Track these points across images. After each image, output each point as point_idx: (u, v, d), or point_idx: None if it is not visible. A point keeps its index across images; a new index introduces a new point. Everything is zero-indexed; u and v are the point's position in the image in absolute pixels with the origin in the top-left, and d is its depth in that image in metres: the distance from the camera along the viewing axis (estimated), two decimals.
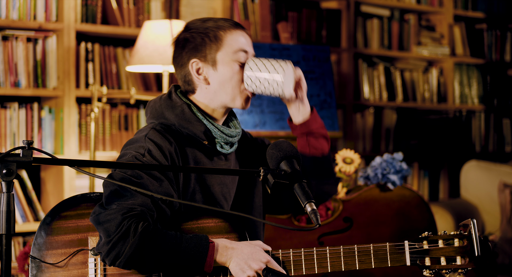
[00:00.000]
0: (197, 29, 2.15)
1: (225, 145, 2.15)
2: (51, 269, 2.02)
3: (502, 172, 4.93)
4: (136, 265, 1.93)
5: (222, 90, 2.14)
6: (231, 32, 2.14)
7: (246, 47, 2.14)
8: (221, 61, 2.13)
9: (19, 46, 3.79)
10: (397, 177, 3.30)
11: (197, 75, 2.15)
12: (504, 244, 4.47)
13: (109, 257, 1.92)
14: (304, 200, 1.88)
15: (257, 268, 1.95)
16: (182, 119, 2.12)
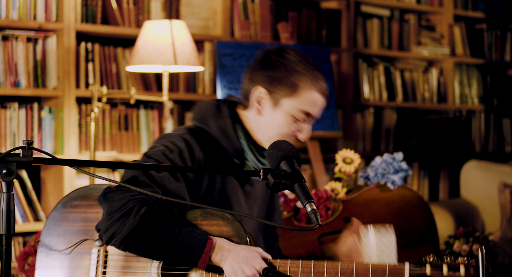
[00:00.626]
0: (287, 64, 2.12)
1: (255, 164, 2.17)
2: (57, 255, 2.06)
3: (502, 172, 4.93)
4: (130, 247, 1.95)
5: (265, 129, 2.15)
6: (311, 91, 2.11)
7: (313, 111, 2.12)
8: (284, 107, 2.12)
9: (19, 46, 3.79)
10: (397, 177, 3.30)
11: (256, 101, 2.15)
12: (504, 244, 4.47)
13: (106, 233, 1.94)
14: (304, 200, 1.88)
15: (250, 274, 1.95)
16: (222, 133, 2.13)
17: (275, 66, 2.13)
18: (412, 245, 3.27)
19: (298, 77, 2.11)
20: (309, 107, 2.12)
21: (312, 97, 2.11)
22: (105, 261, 2.03)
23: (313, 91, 2.11)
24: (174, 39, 3.66)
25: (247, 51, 4.10)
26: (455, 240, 3.54)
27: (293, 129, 2.13)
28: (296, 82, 2.11)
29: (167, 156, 2.04)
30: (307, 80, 2.11)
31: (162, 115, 4.26)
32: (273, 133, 2.13)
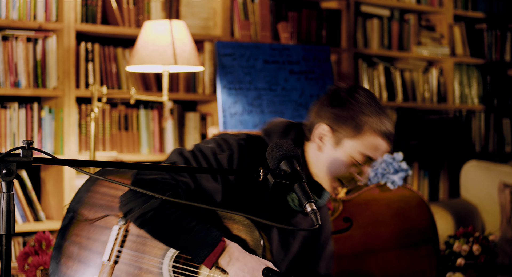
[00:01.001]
0: (356, 105, 2.08)
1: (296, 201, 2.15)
2: (80, 225, 2.11)
3: (502, 172, 4.93)
4: (145, 225, 1.98)
5: (322, 166, 2.12)
6: (375, 135, 2.07)
7: (374, 156, 2.09)
8: (345, 147, 2.09)
9: (19, 46, 3.79)
10: (397, 177, 3.30)
11: (318, 137, 2.13)
12: (504, 244, 4.47)
13: (127, 206, 1.99)
14: (304, 200, 1.88)
15: None
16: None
17: (343, 105, 2.09)
18: (412, 245, 3.27)
19: (364, 119, 2.07)
20: (370, 151, 2.08)
21: (376, 142, 2.08)
22: (123, 241, 2.05)
23: (377, 136, 2.07)
24: (174, 39, 3.66)
25: (247, 51, 4.10)
26: (455, 240, 3.54)
27: (350, 171, 2.10)
28: (361, 125, 2.07)
29: (216, 155, 2.06)
30: (372, 123, 2.07)
31: (162, 115, 4.26)
32: (329, 172, 2.10)
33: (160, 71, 3.81)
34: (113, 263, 2.05)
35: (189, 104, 4.45)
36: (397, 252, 3.24)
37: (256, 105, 4.06)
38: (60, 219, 3.87)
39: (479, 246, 3.50)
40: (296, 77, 4.22)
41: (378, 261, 3.21)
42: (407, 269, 3.26)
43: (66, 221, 2.13)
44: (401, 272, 3.23)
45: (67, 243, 2.11)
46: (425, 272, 3.29)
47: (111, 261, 2.05)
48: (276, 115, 4.10)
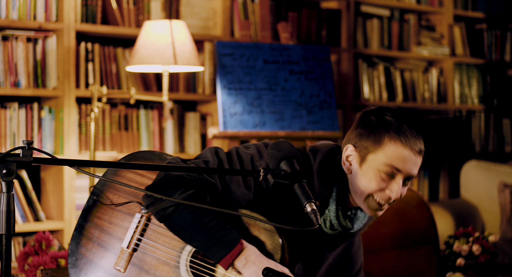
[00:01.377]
0: (378, 121, 2.06)
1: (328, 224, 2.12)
2: (103, 208, 2.14)
3: (502, 172, 4.93)
4: (164, 220, 1.99)
5: (354, 188, 2.08)
6: (396, 144, 2.03)
7: (401, 167, 2.03)
8: (369, 162, 2.05)
9: (19, 46, 3.79)
10: None
11: (346, 160, 2.09)
12: (504, 244, 4.47)
13: (149, 198, 2.00)
14: (304, 200, 1.88)
15: None
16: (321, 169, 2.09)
17: (367, 124, 2.07)
18: (412, 245, 3.27)
19: (384, 131, 2.04)
20: (395, 162, 2.02)
21: (398, 151, 2.03)
22: (144, 229, 2.07)
23: (398, 145, 2.03)
24: (174, 39, 3.66)
25: (247, 51, 4.10)
26: (455, 240, 3.54)
27: (381, 186, 2.03)
28: (381, 136, 2.04)
29: (253, 161, 2.06)
30: (392, 133, 2.04)
31: (162, 115, 4.26)
32: (360, 191, 2.05)
33: (160, 71, 3.81)
34: (131, 251, 2.07)
35: (189, 104, 4.45)
36: (397, 252, 3.24)
37: (256, 105, 4.06)
38: (60, 219, 3.87)
39: (479, 246, 3.49)
40: (296, 77, 4.22)
41: (378, 261, 3.21)
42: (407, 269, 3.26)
43: (90, 203, 2.15)
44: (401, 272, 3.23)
45: (88, 225, 2.13)
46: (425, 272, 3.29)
47: (129, 249, 2.07)
48: (276, 115, 4.10)
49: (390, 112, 2.08)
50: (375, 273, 3.20)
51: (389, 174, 2.04)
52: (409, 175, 2.06)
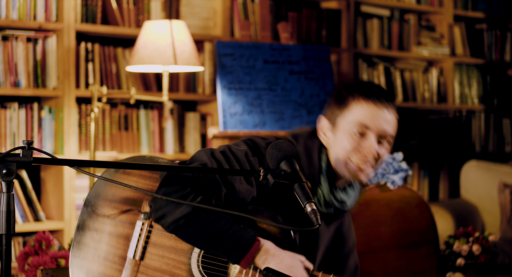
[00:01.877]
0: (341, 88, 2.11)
1: (323, 203, 2.13)
2: (99, 219, 2.07)
3: (502, 172, 4.93)
4: (178, 231, 1.97)
5: (333, 155, 2.11)
6: (360, 101, 2.06)
7: (370, 123, 2.06)
8: (340, 126, 2.09)
9: (19, 46, 3.79)
10: (397, 177, 3.30)
11: (321, 131, 2.14)
12: (504, 244, 4.46)
13: (158, 212, 1.96)
14: (304, 200, 1.88)
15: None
16: (306, 151, 2.12)
17: (335, 94, 2.13)
18: (412, 245, 3.27)
19: (348, 93, 2.08)
20: (362, 119, 2.05)
21: (363, 108, 2.06)
22: (148, 236, 2.04)
23: (362, 101, 2.06)
24: (174, 39, 3.66)
25: (247, 51, 4.10)
26: (455, 240, 3.54)
27: (355, 146, 2.06)
28: (346, 98, 2.08)
29: (248, 159, 2.06)
30: (356, 93, 2.07)
31: (162, 115, 4.26)
32: (339, 157, 2.08)
33: (160, 71, 3.81)
34: (138, 260, 2.03)
35: (189, 104, 4.45)
36: (397, 252, 3.24)
37: (256, 105, 4.06)
38: (60, 219, 3.87)
39: (479, 246, 3.50)
40: (296, 77, 4.22)
41: (378, 261, 3.21)
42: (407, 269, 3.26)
43: (85, 216, 2.08)
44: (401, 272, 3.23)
45: (87, 240, 2.07)
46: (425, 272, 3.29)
47: (137, 258, 2.03)
48: (276, 115, 4.10)
49: (357, 80, 2.13)
50: (375, 273, 3.20)
51: (360, 132, 2.06)
52: (383, 133, 2.09)
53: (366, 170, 2.08)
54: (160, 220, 1.97)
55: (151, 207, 1.99)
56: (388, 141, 2.12)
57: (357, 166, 2.07)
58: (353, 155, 2.07)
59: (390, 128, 2.11)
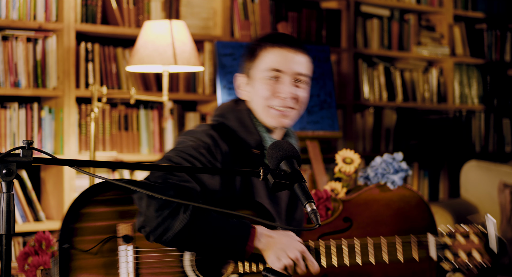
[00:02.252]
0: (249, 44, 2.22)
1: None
2: (81, 256, 2.04)
3: (502, 172, 4.93)
4: (182, 243, 1.97)
5: (255, 106, 2.19)
6: (269, 48, 2.15)
7: (281, 66, 2.14)
8: (254, 76, 2.17)
9: (19, 46, 3.79)
10: (397, 177, 3.30)
11: (239, 88, 2.23)
12: None
13: (157, 231, 1.94)
14: (304, 200, 1.88)
15: (293, 257, 2.00)
16: (240, 124, 2.17)
17: (245, 50, 2.22)
18: None
19: (256, 45, 2.18)
20: (273, 64, 2.14)
21: (272, 54, 2.15)
22: (137, 257, 2.03)
23: (269, 48, 2.15)
24: (174, 39, 3.66)
25: None
26: None
27: (272, 91, 2.15)
28: (255, 49, 2.17)
29: (199, 151, 2.07)
30: (263, 42, 2.16)
31: (162, 115, 4.26)
32: (259, 103, 2.16)
33: (160, 71, 3.81)
34: None
35: (189, 104, 4.45)
36: None
37: None
38: (60, 219, 3.86)
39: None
40: None
41: None
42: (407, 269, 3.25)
43: (64, 257, 2.04)
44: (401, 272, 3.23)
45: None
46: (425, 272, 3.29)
47: None
48: None
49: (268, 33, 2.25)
50: (375, 273, 3.20)
51: (273, 77, 2.14)
52: (296, 75, 2.15)
53: (288, 113, 2.16)
54: (162, 237, 1.95)
55: (142, 227, 1.96)
56: (305, 82, 2.19)
57: (278, 110, 2.15)
58: (272, 100, 2.15)
59: (302, 69, 2.17)
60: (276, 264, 1.99)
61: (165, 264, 2.02)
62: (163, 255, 2.02)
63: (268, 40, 2.16)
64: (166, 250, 2.02)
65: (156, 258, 2.02)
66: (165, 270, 2.02)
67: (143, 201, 1.96)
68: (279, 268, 2.00)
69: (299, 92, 2.17)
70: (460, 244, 2.12)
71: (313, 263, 2.03)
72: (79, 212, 2.05)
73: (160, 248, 2.02)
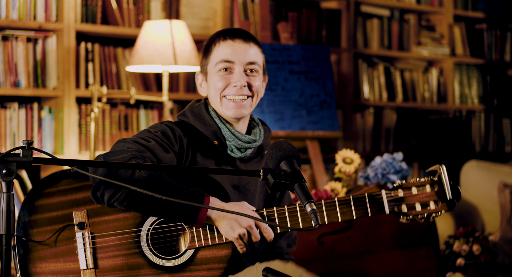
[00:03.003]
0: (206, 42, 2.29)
1: (235, 150, 2.22)
2: (39, 247, 2.04)
3: (502, 172, 4.93)
4: (135, 203, 1.97)
5: (212, 99, 2.24)
6: (217, 42, 2.23)
7: (230, 57, 2.20)
8: (209, 72, 2.24)
9: (19, 46, 3.79)
10: (397, 177, 3.30)
11: (200, 87, 2.30)
12: (504, 244, 4.46)
13: (108, 190, 1.96)
14: (304, 200, 1.88)
15: (246, 225, 2.02)
16: (197, 117, 2.22)
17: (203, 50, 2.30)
18: (412, 245, 3.27)
19: (210, 42, 2.24)
20: (223, 56, 2.20)
21: (221, 47, 2.21)
22: (93, 243, 2.04)
23: (219, 42, 2.21)
24: (174, 39, 3.66)
25: None
26: (455, 240, 3.54)
27: (226, 82, 2.20)
28: (209, 46, 2.24)
29: (152, 133, 2.11)
30: (215, 38, 2.23)
31: (162, 115, 4.26)
32: (215, 96, 2.21)
33: (160, 71, 3.81)
34: (93, 269, 2.02)
35: None
36: (397, 252, 3.24)
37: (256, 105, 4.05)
38: None
39: (479, 246, 3.49)
40: (296, 77, 4.22)
41: (378, 261, 3.21)
42: (407, 269, 3.25)
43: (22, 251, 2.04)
44: (401, 272, 3.23)
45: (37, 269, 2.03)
46: (425, 272, 3.29)
47: (90, 267, 2.02)
48: (276, 115, 4.10)
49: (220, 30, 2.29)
50: (375, 273, 3.20)
51: (226, 69, 2.20)
52: (247, 64, 2.21)
53: (243, 102, 2.20)
54: (115, 195, 1.96)
55: (99, 189, 1.97)
56: (257, 70, 2.23)
57: (233, 100, 2.20)
58: (226, 91, 2.20)
59: (252, 57, 2.22)
60: (231, 233, 2.01)
61: (122, 246, 2.04)
62: (119, 237, 2.04)
63: (220, 35, 2.23)
64: (122, 233, 2.04)
65: (112, 241, 2.04)
66: (123, 252, 2.04)
67: (99, 169, 1.97)
68: (233, 238, 2.02)
69: (254, 81, 2.22)
70: (414, 196, 2.12)
71: (267, 230, 2.05)
72: (33, 205, 2.05)
73: (116, 230, 2.04)
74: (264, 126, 2.33)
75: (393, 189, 2.13)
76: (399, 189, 2.13)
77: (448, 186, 2.12)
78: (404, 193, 2.13)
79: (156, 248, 2.05)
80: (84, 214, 2.04)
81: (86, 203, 2.05)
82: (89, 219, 2.05)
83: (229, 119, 2.23)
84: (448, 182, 2.12)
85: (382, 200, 2.11)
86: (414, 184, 2.14)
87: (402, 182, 2.14)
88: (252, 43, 2.23)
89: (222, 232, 2.02)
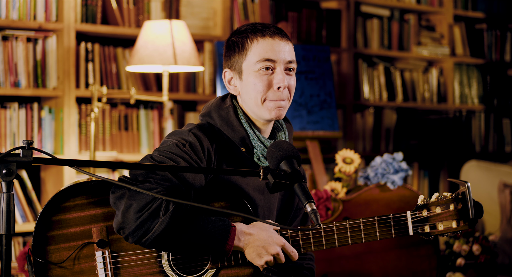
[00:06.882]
0: (236, 36, 2.16)
1: (262, 158, 2.14)
2: (57, 269, 1.99)
3: (502, 172, 4.93)
4: (162, 243, 1.94)
5: (249, 101, 2.13)
6: (256, 40, 2.12)
7: (272, 55, 2.10)
8: (246, 71, 2.12)
9: (19, 46, 3.79)
10: (397, 177, 3.30)
11: (229, 85, 2.17)
12: (504, 244, 4.46)
13: (136, 233, 1.91)
14: (304, 200, 1.88)
15: (274, 252, 1.99)
16: (224, 122, 2.13)
17: (229, 45, 2.17)
18: (412, 245, 3.27)
19: (243, 38, 2.13)
20: (264, 54, 2.10)
21: (261, 45, 2.10)
22: (115, 262, 2.00)
23: (259, 39, 2.10)
24: (174, 39, 3.66)
25: None
26: (455, 240, 3.54)
27: (267, 83, 2.11)
28: (242, 43, 2.12)
29: (181, 148, 2.03)
30: (249, 34, 2.12)
31: (162, 115, 4.26)
32: (254, 97, 2.11)
33: (160, 71, 3.81)
34: None
35: (189, 104, 4.45)
36: (397, 252, 3.24)
37: None
38: None
39: (479, 246, 3.50)
40: (296, 77, 4.22)
41: (378, 261, 3.21)
42: (407, 269, 3.26)
43: (40, 268, 1.98)
44: (401, 272, 3.23)
45: None
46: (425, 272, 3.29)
47: None
48: None
49: (246, 25, 2.17)
50: (375, 273, 3.20)
51: (267, 68, 2.10)
52: (287, 63, 2.12)
53: (283, 104, 2.13)
54: (142, 239, 1.92)
55: (124, 229, 1.92)
56: (294, 69, 2.17)
57: (274, 102, 2.11)
58: (267, 93, 2.11)
59: (292, 56, 2.16)
60: (258, 261, 1.99)
61: (143, 265, 2.01)
62: (140, 257, 2.01)
63: (256, 31, 2.12)
64: (143, 252, 2.01)
65: (134, 260, 2.01)
66: (144, 271, 2.01)
67: (123, 201, 1.92)
68: (260, 265, 2.00)
69: (291, 81, 2.15)
70: (438, 215, 2.11)
71: (293, 253, 2.04)
72: (50, 220, 1.99)
73: (137, 249, 2.01)
74: (287, 124, 2.26)
75: (417, 208, 2.10)
76: (424, 209, 2.10)
77: (472, 206, 2.11)
78: (428, 213, 2.10)
79: (177, 267, 2.02)
80: (104, 230, 2.00)
81: (105, 219, 2.00)
82: (109, 236, 2.00)
83: (258, 122, 2.15)
84: (472, 201, 2.12)
85: (407, 222, 2.09)
86: (438, 203, 2.12)
87: (426, 200, 2.11)
88: (289, 41, 2.15)
89: (249, 259, 2.00)
